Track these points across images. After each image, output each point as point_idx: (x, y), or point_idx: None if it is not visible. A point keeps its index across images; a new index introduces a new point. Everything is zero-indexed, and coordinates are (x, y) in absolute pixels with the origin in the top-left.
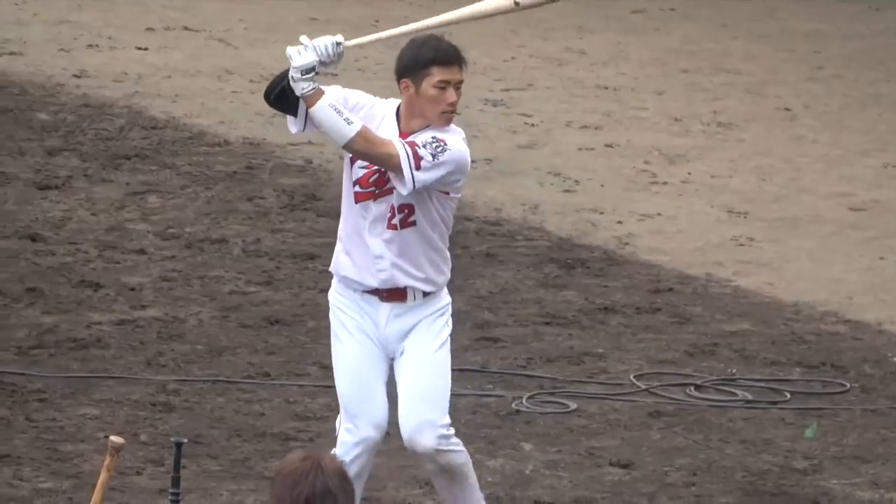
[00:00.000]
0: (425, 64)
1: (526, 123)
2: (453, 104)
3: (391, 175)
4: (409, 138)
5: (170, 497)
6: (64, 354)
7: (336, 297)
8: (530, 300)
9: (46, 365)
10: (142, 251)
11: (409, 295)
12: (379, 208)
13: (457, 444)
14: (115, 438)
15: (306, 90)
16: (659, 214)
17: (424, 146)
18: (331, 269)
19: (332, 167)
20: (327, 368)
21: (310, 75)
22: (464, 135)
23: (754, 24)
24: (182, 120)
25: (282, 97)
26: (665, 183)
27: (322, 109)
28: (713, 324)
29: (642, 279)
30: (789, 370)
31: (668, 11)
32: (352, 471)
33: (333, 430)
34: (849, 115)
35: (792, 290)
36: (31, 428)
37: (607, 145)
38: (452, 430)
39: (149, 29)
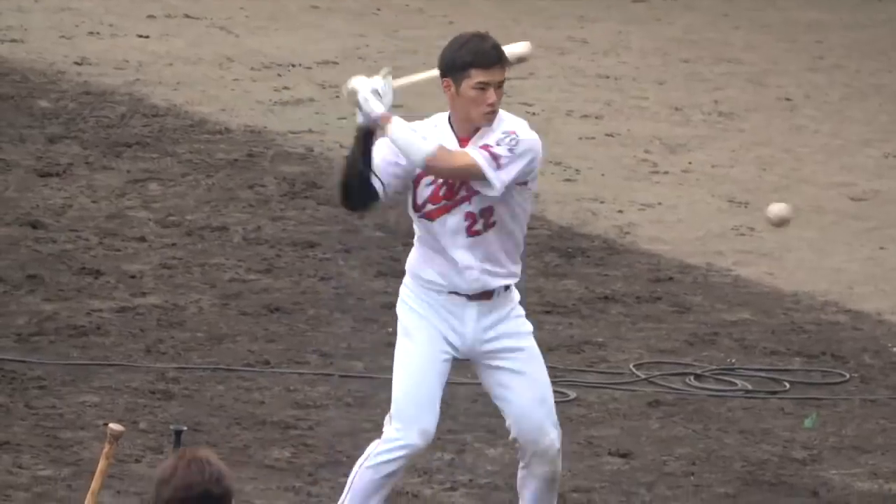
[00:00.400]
0: (464, 66)
1: (527, 112)
2: (493, 104)
3: (475, 184)
4: (482, 142)
5: None
6: (64, 342)
7: (412, 295)
8: (530, 289)
9: (46, 352)
10: (142, 239)
11: (495, 292)
12: (455, 219)
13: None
14: (114, 426)
15: (378, 111)
16: (659, 204)
17: (499, 144)
18: (407, 267)
19: (332, 155)
20: (327, 356)
21: (379, 99)
22: (526, 122)
23: (756, 14)
24: (183, 108)
25: (351, 187)
26: (666, 172)
27: (398, 128)
28: (713, 313)
29: (642, 268)
30: (789, 360)
31: (670, 1)
32: (387, 470)
33: (333, 418)
34: (850, 105)
35: (792, 279)
36: (30, 415)
37: (608, 134)
38: None
39: (150, 16)
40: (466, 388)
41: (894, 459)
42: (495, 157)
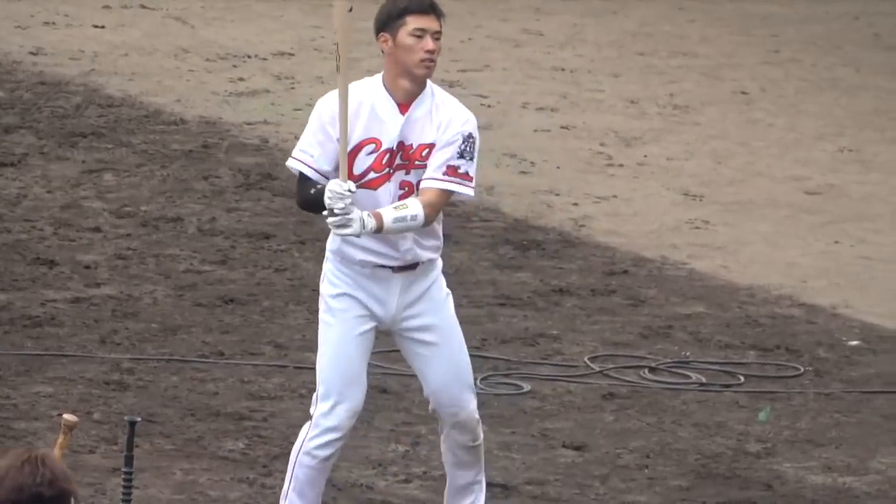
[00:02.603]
0: (400, 14)
1: (482, 105)
2: (431, 51)
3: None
4: (449, 162)
5: (123, 476)
6: (18, 332)
7: (333, 275)
8: (485, 281)
9: (0, 342)
10: (97, 229)
11: (420, 264)
12: (393, 187)
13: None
14: (68, 416)
15: (368, 227)
16: (614, 197)
17: (462, 155)
18: (329, 248)
19: (287, 146)
20: (282, 348)
21: (350, 215)
22: (457, 101)
23: (711, 7)
24: (138, 98)
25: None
26: (621, 165)
27: (391, 227)
28: (667, 306)
29: (597, 261)
30: (743, 353)
31: None
32: (324, 454)
33: (287, 409)
34: (805, 99)
35: (746, 273)
36: None
37: (563, 127)
38: None
39: (105, 7)
40: (419, 381)
41: (848, 453)
42: (464, 176)
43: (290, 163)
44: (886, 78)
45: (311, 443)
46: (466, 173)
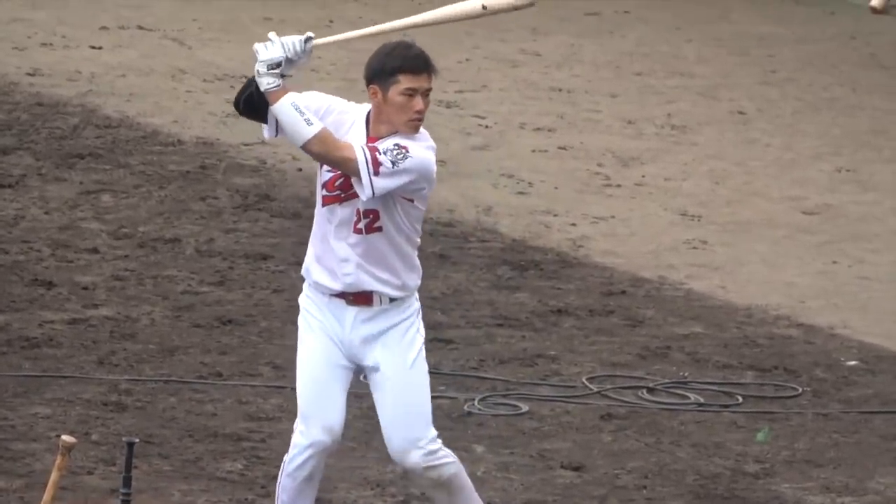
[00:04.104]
0: (392, 72)
1: (479, 125)
2: (420, 112)
3: (353, 180)
4: (373, 144)
5: (121, 497)
6: (16, 353)
7: (305, 299)
8: (483, 302)
9: None
10: (95, 250)
11: (376, 300)
12: (344, 212)
13: (445, 457)
14: (66, 438)
15: (270, 85)
16: (612, 217)
17: (385, 153)
18: (302, 272)
19: (285, 167)
20: (280, 369)
21: (276, 71)
22: (432, 143)
23: (708, 27)
24: (136, 119)
25: (250, 102)
26: (618, 185)
27: (283, 107)
28: (665, 327)
29: (595, 282)
30: (741, 374)
31: (623, 14)
32: (303, 474)
33: (286, 430)
34: (802, 119)
35: (744, 293)
36: None
37: (561, 147)
38: (439, 443)
39: (103, 28)
40: None
41: (846, 473)
42: (376, 163)
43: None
44: (883, 98)
45: (290, 465)
46: (380, 164)
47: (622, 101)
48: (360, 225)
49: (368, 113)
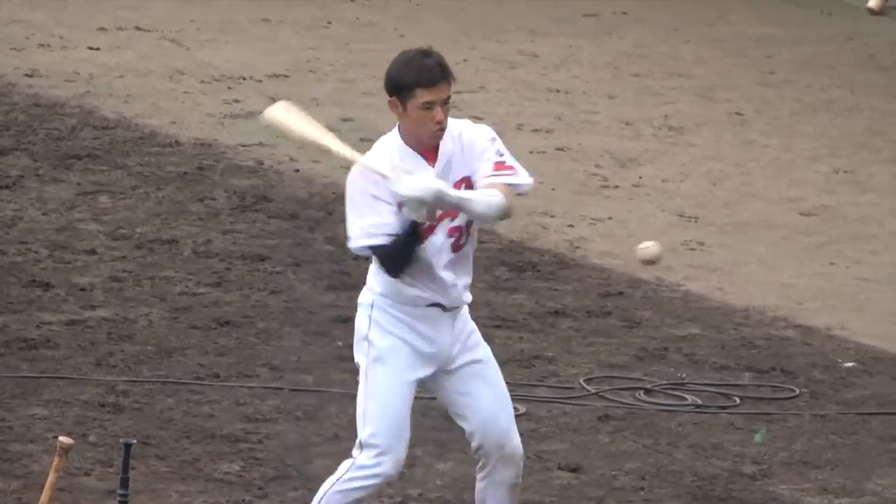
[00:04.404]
0: (409, 86)
1: None
2: (440, 122)
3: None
4: (487, 163)
5: (118, 498)
6: (13, 354)
7: (385, 315)
8: (480, 303)
9: None
10: (92, 251)
11: (463, 304)
12: (440, 238)
13: None
14: (63, 439)
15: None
16: (610, 218)
17: (500, 154)
18: (376, 290)
19: (283, 168)
20: (277, 370)
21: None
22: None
23: (706, 28)
24: (133, 120)
25: (407, 258)
26: (616, 187)
27: (458, 200)
28: (663, 328)
29: (593, 283)
30: (739, 375)
31: (621, 15)
32: (357, 495)
33: (283, 432)
34: (800, 120)
35: (742, 294)
36: None
37: (558, 149)
38: None
39: (101, 29)
40: (416, 403)
41: (844, 475)
42: (511, 168)
43: (363, 243)
44: (881, 99)
45: (348, 483)
46: (512, 165)
47: (620, 103)
48: (462, 240)
49: (400, 137)
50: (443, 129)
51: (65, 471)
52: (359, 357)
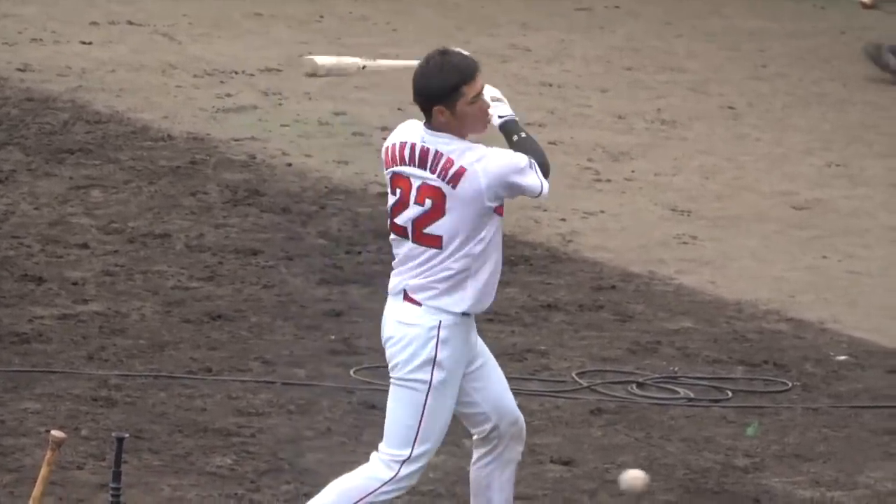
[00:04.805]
0: (455, 87)
1: None
2: (486, 110)
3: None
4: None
5: (111, 492)
6: (6, 348)
7: (452, 337)
8: None
9: None
10: (85, 245)
11: None
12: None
13: None
14: (56, 433)
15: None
16: (602, 212)
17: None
18: (455, 310)
19: (275, 163)
20: (269, 364)
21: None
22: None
23: (699, 22)
24: (126, 114)
25: None
26: (608, 180)
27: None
28: (655, 322)
29: (585, 276)
30: (731, 368)
31: (613, 9)
32: (385, 498)
33: (275, 425)
34: (792, 113)
35: (734, 288)
36: None
37: (551, 142)
38: None
39: (93, 23)
40: None
41: (836, 467)
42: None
43: (545, 181)
44: (874, 92)
45: (384, 496)
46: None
47: (612, 96)
48: None
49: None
50: (489, 117)
51: (57, 465)
52: (417, 376)
